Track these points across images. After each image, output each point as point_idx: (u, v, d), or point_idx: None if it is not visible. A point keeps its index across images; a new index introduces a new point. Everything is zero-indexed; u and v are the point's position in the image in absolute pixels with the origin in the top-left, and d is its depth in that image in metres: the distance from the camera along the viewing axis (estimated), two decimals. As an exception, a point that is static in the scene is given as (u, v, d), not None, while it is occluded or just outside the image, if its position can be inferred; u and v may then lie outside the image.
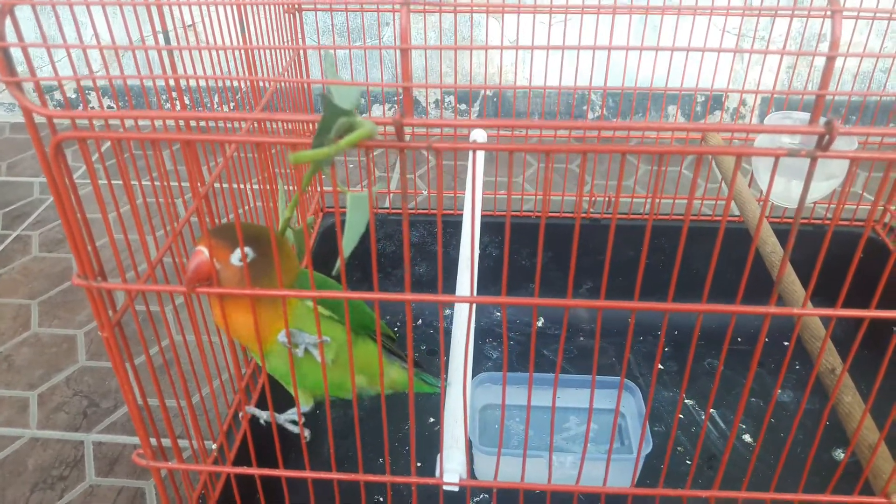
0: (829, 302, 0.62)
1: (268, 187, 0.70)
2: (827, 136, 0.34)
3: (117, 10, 1.43)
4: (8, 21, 0.36)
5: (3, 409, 0.91)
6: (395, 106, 1.69)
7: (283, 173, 0.86)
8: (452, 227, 1.08)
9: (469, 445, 0.60)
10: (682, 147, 0.34)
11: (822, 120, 0.35)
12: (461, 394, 0.50)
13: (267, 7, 0.79)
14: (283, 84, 0.84)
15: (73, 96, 1.73)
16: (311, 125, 0.99)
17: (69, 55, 0.46)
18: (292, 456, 0.82)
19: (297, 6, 0.88)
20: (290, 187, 0.92)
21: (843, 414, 0.56)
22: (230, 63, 0.69)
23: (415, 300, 0.41)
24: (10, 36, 0.36)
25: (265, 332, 0.55)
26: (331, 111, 0.34)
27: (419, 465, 0.83)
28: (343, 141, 0.33)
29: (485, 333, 1.05)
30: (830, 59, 0.32)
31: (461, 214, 0.97)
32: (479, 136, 0.94)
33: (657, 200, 1.10)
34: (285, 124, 0.88)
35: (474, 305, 0.53)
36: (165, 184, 0.51)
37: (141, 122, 1.33)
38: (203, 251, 0.48)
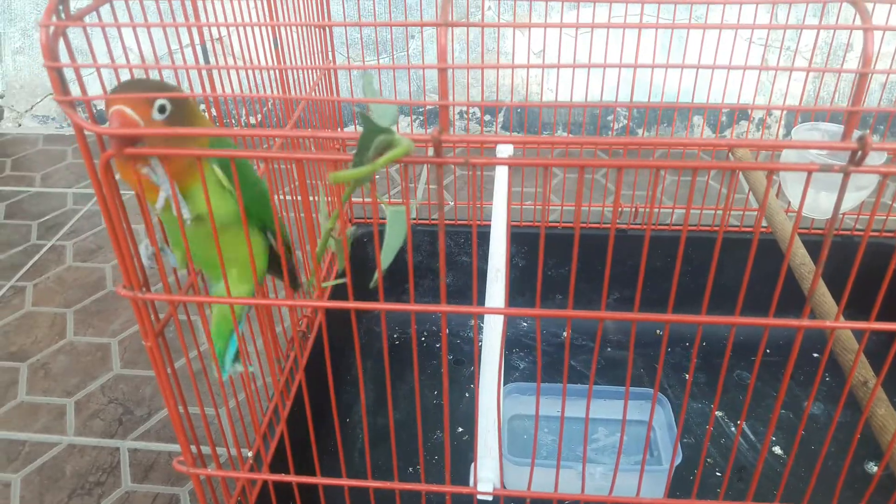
0: (859, 313, 0.62)
1: (299, 198, 0.71)
2: (860, 152, 0.34)
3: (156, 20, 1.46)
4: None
5: (41, 416, 0.93)
6: (420, 118, 1.71)
7: (316, 185, 0.87)
8: (480, 237, 1.09)
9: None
10: (714, 162, 0.35)
11: (855, 135, 0.35)
12: (494, 403, 0.51)
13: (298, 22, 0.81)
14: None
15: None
16: (342, 142, 1.01)
17: (116, 74, 0.48)
18: (324, 462, 0.83)
19: (327, 23, 0.89)
20: (328, 198, 0.93)
21: (876, 427, 0.56)
22: (262, 75, 0.70)
23: (451, 311, 0.42)
24: (63, 56, 0.37)
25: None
26: (369, 129, 0.35)
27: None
28: (382, 159, 0.34)
29: (512, 344, 1.06)
30: (863, 76, 0.33)
31: (489, 225, 0.98)
32: (504, 149, 0.95)
33: (685, 211, 1.10)
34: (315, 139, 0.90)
35: (507, 317, 0.54)
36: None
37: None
38: (124, 109, 0.42)
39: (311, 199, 0.79)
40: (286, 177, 0.80)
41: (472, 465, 0.49)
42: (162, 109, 0.44)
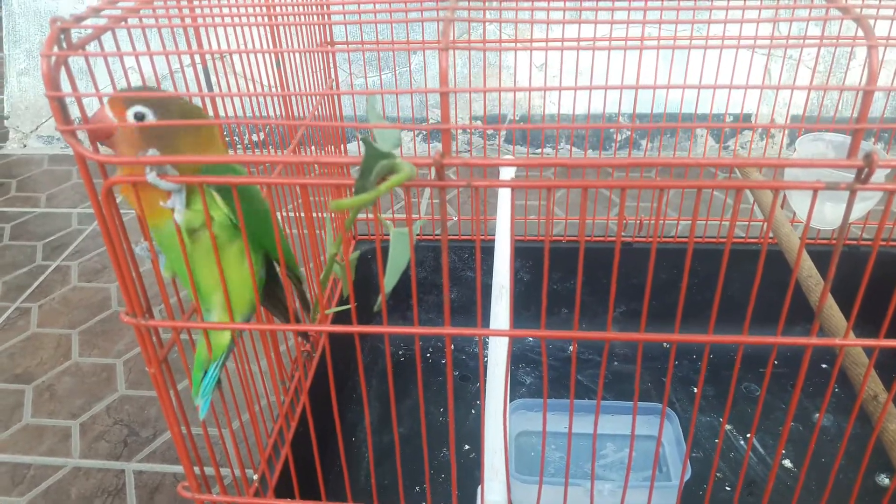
0: (867, 323, 0.62)
1: (302, 214, 0.71)
2: (866, 170, 0.34)
3: (157, 42, 1.46)
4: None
5: (46, 439, 0.93)
6: (423, 132, 1.71)
7: (320, 201, 0.87)
8: (484, 252, 1.08)
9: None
10: (721, 181, 0.35)
11: (861, 151, 0.35)
12: (501, 424, 0.50)
13: (301, 43, 0.81)
14: (316, 115, 0.85)
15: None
16: (345, 168, 1.01)
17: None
18: (329, 482, 0.83)
19: (330, 43, 0.89)
20: (333, 223, 0.93)
21: (888, 442, 0.56)
22: (265, 94, 0.70)
23: (455, 334, 0.41)
24: (64, 83, 0.37)
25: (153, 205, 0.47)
26: (371, 153, 0.35)
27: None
28: (384, 185, 0.33)
29: (518, 359, 1.05)
30: (868, 93, 0.32)
31: (492, 240, 0.97)
32: (506, 171, 0.95)
33: (690, 223, 1.09)
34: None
35: (512, 339, 0.54)
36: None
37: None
38: (104, 104, 0.43)
39: (314, 215, 0.79)
40: (289, 193, 0.80)
41: (480, 487, 0.48)
42: (139, 117, 0.43)
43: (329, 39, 0.91)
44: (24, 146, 1.83)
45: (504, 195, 0.82)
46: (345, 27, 0.96)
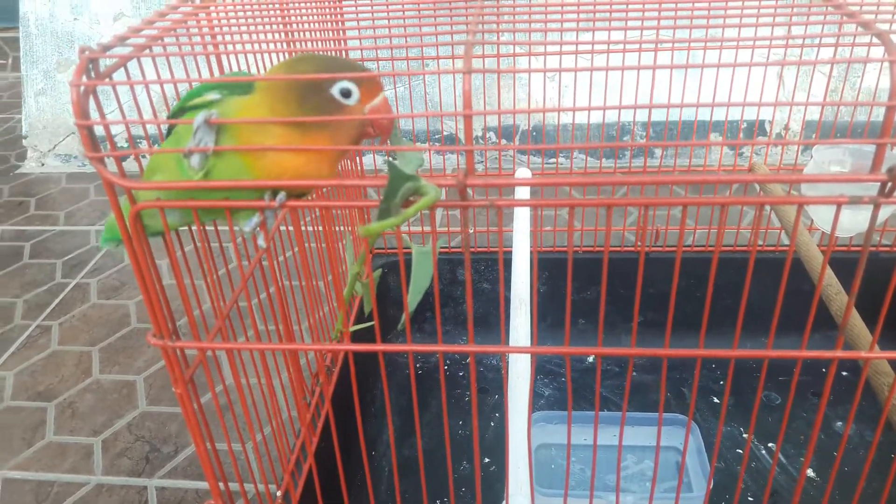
0: (889, 329, 0.61)
1: (319, 228, 0.72)
2: (890, 184, 0.34)
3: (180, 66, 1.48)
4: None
5: (68, 456, 0.94)
6: (437, 140, 1.72)
7: (339, 214, 0.88)
8: (497, 264, 1.08)
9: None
10: (744, 198, 0.35)
11: (885, 165, 0.35)
12: (525, 439, 0.50)
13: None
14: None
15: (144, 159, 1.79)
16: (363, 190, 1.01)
17: (145, 132, 0.48)
18: (351, 496, 0.83)
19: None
20: (354, 239, 0.94)
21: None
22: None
23: (479, 351, 0.41)
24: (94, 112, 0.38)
25: None
26: (395, 177, 0.35)
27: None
28: (411, 209, 0.34)
29: (537, 370, 1.05)
30: (891, 109, 0.32)
31: (510, 252, 0.98)
32: (523, 173, 0.95)
33: (708, 232, 1.09)
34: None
35: (536, 356, 0.54)
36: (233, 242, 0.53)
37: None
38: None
39: (349, 245, 0.79)
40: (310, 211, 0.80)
41: (504, 502, 0.48)
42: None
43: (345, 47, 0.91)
44: (42, 164, 1.85)
45: (521, 212, 0.82)
46: (358, 36, 0.97)
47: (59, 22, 1.80)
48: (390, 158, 0.38)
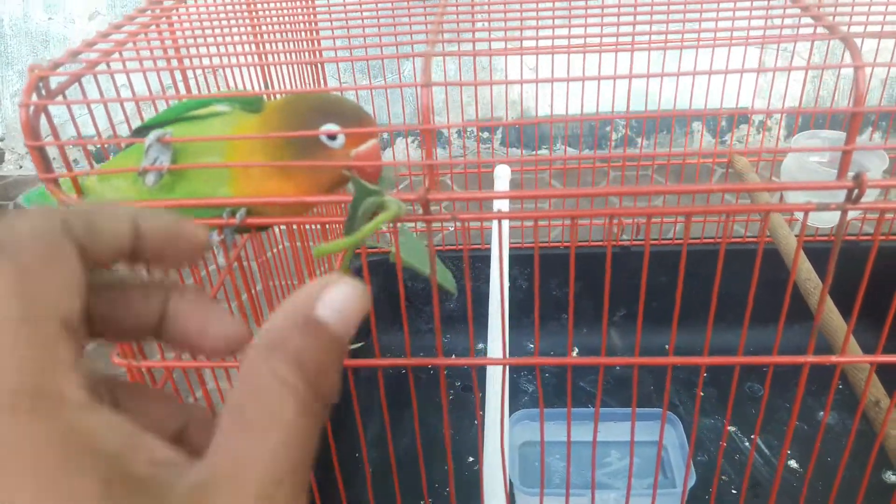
0: (867, 317, 0.61)
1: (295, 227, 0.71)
2: (856, 190, 0.33)
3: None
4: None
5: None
6: (416, 139, 1.71)
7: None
8: (481, 261, 1.08)
9: (510, 486, 0.60)
10: (718, 185, 0.34)
11: (851, 172, 0.34)
12: (499, 442, 0.50)
13: (289, 56, 0.80)
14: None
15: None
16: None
17: (103, 148, 0.47)
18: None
19: (319, 57, 0.89)
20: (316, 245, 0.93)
21: (891, 449, 0.55)
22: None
23: (448, 364, 0.41)
24: (45, 129, 0.37)
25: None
26: (359, 192, 0.34)
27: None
28: (368, 226, 0.33)
29: (519, 367, 1.05)
30: (856, 116, 0.32)
31: (489, 249, 0.97)
32: (502, 171, 0.95)
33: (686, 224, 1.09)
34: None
35: (507, 367, 0.53)
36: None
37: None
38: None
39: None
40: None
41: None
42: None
43: (318, 46, 0.90)
44: (21, 167, 1.83)
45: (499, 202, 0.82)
46: (332, 35, 0.95)
47: (34, 22, 1.77)
48: (355, 174, 0.37)
